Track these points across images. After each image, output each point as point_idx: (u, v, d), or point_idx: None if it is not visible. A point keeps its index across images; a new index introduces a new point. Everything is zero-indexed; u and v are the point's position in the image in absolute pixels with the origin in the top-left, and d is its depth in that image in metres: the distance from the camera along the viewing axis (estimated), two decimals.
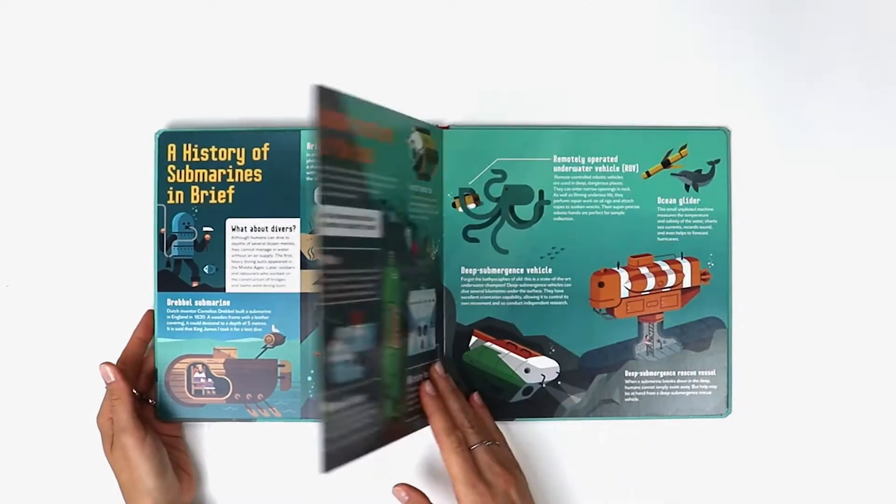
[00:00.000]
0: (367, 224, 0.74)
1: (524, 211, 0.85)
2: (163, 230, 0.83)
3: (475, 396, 0.84)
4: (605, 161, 0.85)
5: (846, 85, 0.88)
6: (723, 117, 0.87)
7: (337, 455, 0.70)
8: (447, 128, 0.85)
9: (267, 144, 0.84)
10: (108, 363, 0.80)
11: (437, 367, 0.83)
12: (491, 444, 0.80)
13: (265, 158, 0.84)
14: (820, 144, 0.87)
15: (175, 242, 0.83)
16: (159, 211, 0.83)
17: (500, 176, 0.85)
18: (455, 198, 0.85)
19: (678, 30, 0.88)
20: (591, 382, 0.85)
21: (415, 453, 0.87)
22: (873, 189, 0.88)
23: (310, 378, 0.84)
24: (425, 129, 0.83)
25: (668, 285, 0.85)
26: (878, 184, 0.88)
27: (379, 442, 0.76)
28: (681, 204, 0.85)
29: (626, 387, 0.85)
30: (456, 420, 0.80)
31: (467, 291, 0.85)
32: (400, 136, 0.80)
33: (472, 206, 0.85)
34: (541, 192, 0.85)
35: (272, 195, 0.84)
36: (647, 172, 0.85)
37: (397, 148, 0.79)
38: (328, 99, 0.68)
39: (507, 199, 0.85)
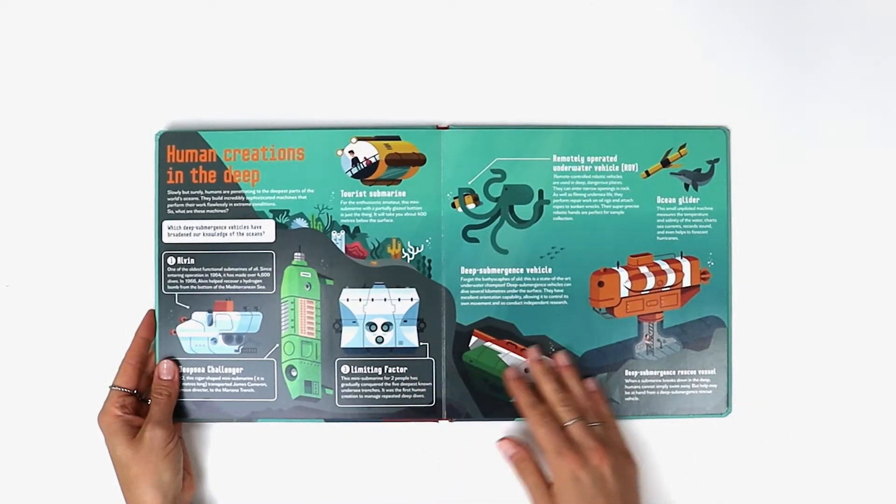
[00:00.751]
0: (250, 231, 0.84)
1: (524, 211, 0.85)
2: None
3: (589, 381, 0.84)
4: (604, 161, 0.85)
5: (846, 84, 0.87)
6: (722, 117, 0.87)
7: (182, 409, 0.84)
8: (447, 128, 0.85)
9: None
10: (173, 359, 0.83)
11: (533, 352, 0.84)
12: (593, 425, 0.80)
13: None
14: (819, 144, 0.87)
15: None
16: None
17: (499, 176, 0.85)
18: (454, 198, 0.85)
19: (678, 29, 0.87)
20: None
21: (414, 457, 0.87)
22: (873, 188, 0.87)
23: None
24: (389, 137, 0.85)
25: (667, 284, 0.85)
26: (878, 183, 0.87)
27: (281, 414, 0.85)
28: (680, 203, 0.85)
29: (626, 386, 0.85)
30: (549, 399, 0.82)
31: (467, 291, 0.85)
32: (318, 151, 0.85)
33: (471, 206, 0.85)
34: (540, 192, 0.85)
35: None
36: (647, 172, 0.85)
37: (312, 163, 0.84)
38: (182, 140, 0.84)
39: (507, 199, 0.85)
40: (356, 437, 0.87)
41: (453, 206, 0.85)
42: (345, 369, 0.85)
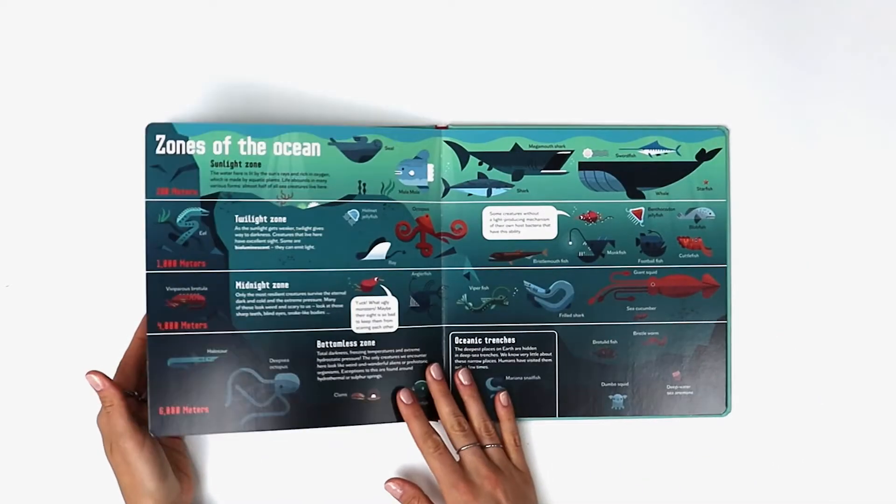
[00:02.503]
0: None
1: None
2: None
3: (501, 396, 0.84)
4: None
5: (846, 83, 0.88)
6: (722, 116, 0.88)
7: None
8: (445, 127, 0.85)
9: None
10: (94, 371, 0.77)
11: (433, 370, 0.83)
12: (490, 447, 0.81)
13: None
14: (819, 143, 0.88)
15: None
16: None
17: None
18: None
19: (677, 29, 0.88)
20: None
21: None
22: (873, 187, 0.89)
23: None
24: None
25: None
26: (878, 182, 0.89)
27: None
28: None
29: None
30: (444, 423, 0.81)
31: None
32: None
33: None
34: None
35: None
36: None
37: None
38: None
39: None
40: (359, 439, 0.85)
41: None
42: None
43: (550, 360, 0.85)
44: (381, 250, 0.82)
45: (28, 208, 0.84)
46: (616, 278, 0.85)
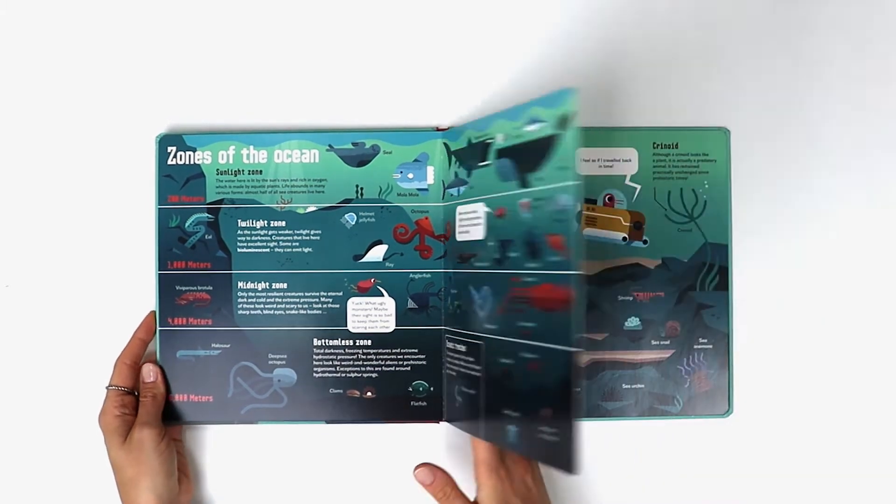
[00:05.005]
0: None
1: None
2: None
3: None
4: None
5: (846, 84, 0.87)
6: (723, 118, 0.86)
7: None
8: (447, 129, 0.85)
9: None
10: (154, 363, 0.83)
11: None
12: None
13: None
14: (820, 145, 0.87)
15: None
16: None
17: None
18: None
19: (678, 30, 0.87)
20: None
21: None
22: (875, 190, 0.87)
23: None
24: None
25: None
26: (880, 184, 0.87)
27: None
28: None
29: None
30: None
31: None
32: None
33: None
34: None
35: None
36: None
37: None
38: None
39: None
40: (356, 438, 0.87)
41: None
42: None
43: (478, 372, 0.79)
44: (378, 252, 0.84)
45: (29, 210, 0.86)
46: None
